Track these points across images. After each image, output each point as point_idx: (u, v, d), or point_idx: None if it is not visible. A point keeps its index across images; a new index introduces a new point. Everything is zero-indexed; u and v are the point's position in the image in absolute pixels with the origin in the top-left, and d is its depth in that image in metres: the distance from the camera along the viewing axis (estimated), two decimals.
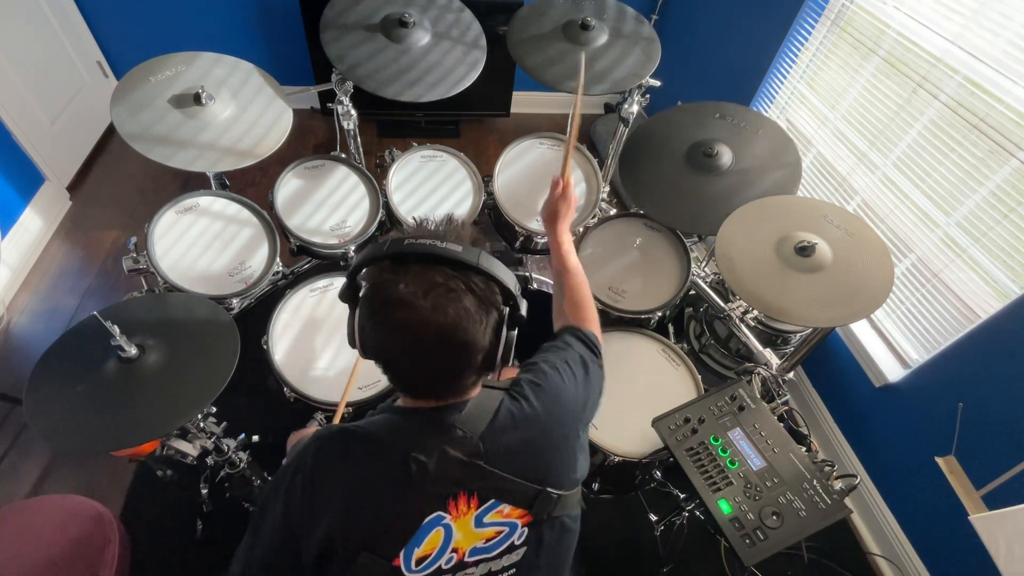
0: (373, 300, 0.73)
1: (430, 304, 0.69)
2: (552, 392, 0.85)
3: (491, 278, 0.73)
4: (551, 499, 0.79)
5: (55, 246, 2.53)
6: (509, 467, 0.77)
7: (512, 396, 0.83)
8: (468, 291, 0.71)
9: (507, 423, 0.79)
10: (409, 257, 0.71)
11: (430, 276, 0.70)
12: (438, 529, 0.75)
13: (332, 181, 1.76)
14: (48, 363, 1.15)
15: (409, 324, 0.69)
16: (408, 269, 0.70)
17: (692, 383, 1.55)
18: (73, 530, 1.28)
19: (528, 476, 0.78)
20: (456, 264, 0.71)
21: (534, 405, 0.82)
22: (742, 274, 1.35)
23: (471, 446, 0.76)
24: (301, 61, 2.96)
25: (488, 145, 3.34)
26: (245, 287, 1.56)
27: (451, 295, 0.70)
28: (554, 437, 0.83)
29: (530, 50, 1.68)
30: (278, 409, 1.54)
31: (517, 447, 0.78)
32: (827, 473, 1.20)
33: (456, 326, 0.70)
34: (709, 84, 2.85)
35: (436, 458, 0.74)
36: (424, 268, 0.70)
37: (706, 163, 1.62)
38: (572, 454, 0.84)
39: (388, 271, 0.71)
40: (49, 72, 2.62)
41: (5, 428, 1.93)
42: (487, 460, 0.76)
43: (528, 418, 0.81)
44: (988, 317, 1.51)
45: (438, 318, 0.69)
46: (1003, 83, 1.46)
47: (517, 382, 0.86)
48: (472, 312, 0.71)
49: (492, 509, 0.77)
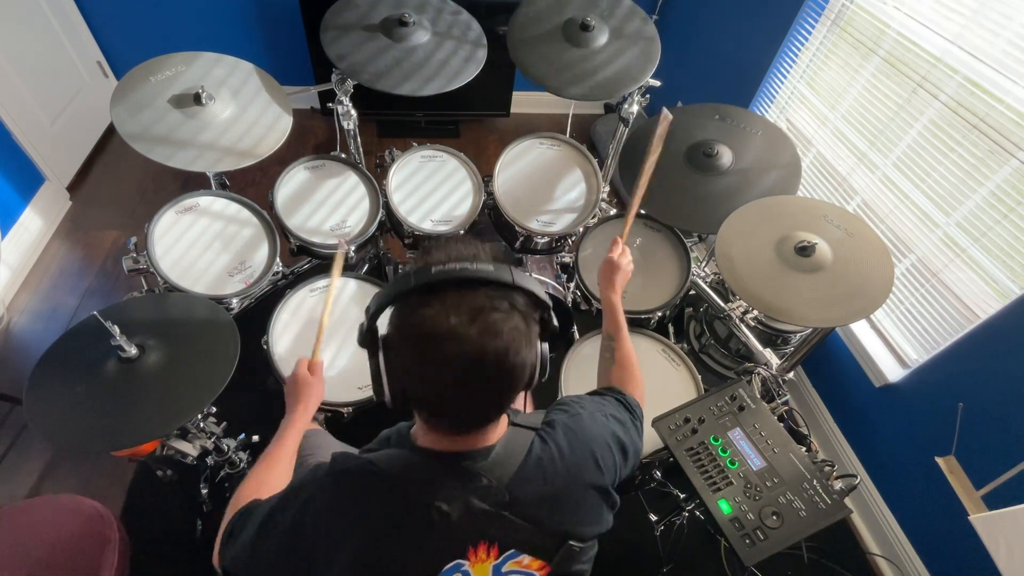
0: (409, 339, 0.66)
1: (478, 331, 0.63)
2: (584, 438, 0.81)
3: (527, 292, 0.68)
4: (573, 552, 0.77)
5: (55, 246, 2.53)
6: (534, 519, 0.74)
7: (543, 439, 0.78)
8: (512, 309, 0.66)
9: (536, 472, 0.75)
10: (442, 285, 0.65)
11: (471, 301, 0.64)
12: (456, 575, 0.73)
13: (332, 181, 1.76)
14: (48, 363, 1.15)
15: (462, 356, 0.63)
16: (445, 297, 0.64)
17: (692, 383, 1.55)
18: (73, 530, 1.28)
19: (553, 529, 0.75)
20: (494, 284, 0.66)
21: (564, 452, 0.78)
22: (742, 274, 1.35)
23: (497, 496, 0.72)
24: (301, 61, 2.96)
25: (488, 145, 3.34)
26: (245, 287, 1.56)
27: (498, 315, 0.64)
28: (581, 488, 0.78)
29: (530, 50, 1.68)
30: (278, 409, 1.53)
31: (544, 498, 0.75)
32: (827, 473, 1.20)
33: (509, 348, 0.65)
34: (709, 84, 2.85)
35: (460, 508, 0.70)
36: (461, 294, 0.64)
37: (706, 163, 1.63)
38: (599, 507, 0.81)
39: (422, 304, 0.64)
40: (49, 72, 2.62)
41: (5, 428, 1.93)
42: (513, 511, 0.73)
43: (557, 466, 0.76)
44: (988, 317, 1.51)
45: (493, 343, 0.63)
46: (1003, 83, 1.46)
47: (551, 422, 0.81)
48: (522, 331, 0.67)
49: (512, 559, 0.75)
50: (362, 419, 1.43)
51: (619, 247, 1.24)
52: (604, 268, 1.23)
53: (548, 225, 1.76)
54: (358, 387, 1.44)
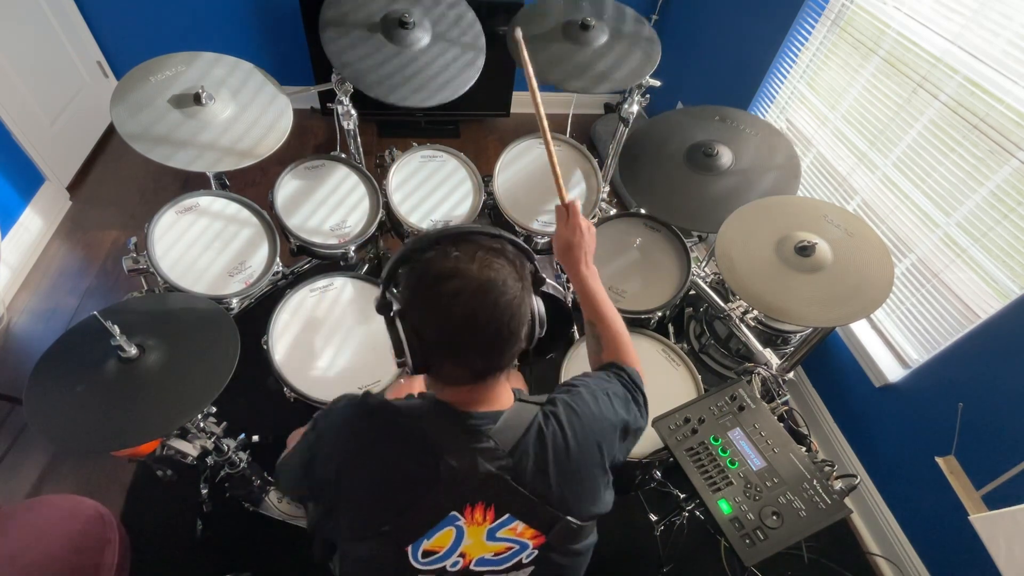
0: (420, 284, 0.73)
1: (476, 266, 0.71)
2: (586, 419, 0.83)
3: (513, 243, 0.78)
4: (570, 528, 0.79)
5: (55, 246, 2.53)
6: (533, 487, 0.76)
7: (545, 414, 0.81)
8: (502, 253, 0.75)
9: (537, 444, 0.78)
10: (443, 240, 0.74)
11: (467, 246, 0.73)
12: (449, 529, 0.75)
13: (332, 181, 1.76)
14: (48, 363, 1.15)
15: (464, 291, 0.70)
16: (445, 246, 0.73)
17: (692, 383, 1.55)
18: (73, 530, 1.28)
19: (551, 500, 0.77)
20: (484, 235, 0.76)
21: (565, 429, 0.80)
22: (742, 274, 1.35)
23: (500, 459, 0.75)
24: (301, 61, 2.96)
25: (488, 145, 3.34)
26: (245, 287, 1.56)
27: (492, 253, 0.74)
28: (581, 466, 0.80)
29: (530, 50, 1.68)
30: (278, 409, 1.54)
31: (544, 469, 0.77)
32: (827, 473, 1.20)
33: (506, 282, 0.72)
34: (709, 84, 2.85)
35: (466, 464, 0.74)
36: (457, 243, 0.74)
37: (706, 163, 1.63)
38: (597, 486, 0.83)
39: (426, 251, 0.74)
40: (49, 72, 2.62)
41: (5, 428, 1.93)
42: (513, 476, 0.75)
43: (558, 442, 0.79)
44: (988, 317, 1.51)
45: (491, 274, 0.71)
46: (1003, 83, 1.46)
47: (552, 400, 0.84)
48: (512, 270, 0.75)
49: (506, 525, 0.77)
50: None
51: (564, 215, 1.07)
52: (559, 246, 1.07)
53: (548, 225, 1.76)
54: (359, 387, 1.43)
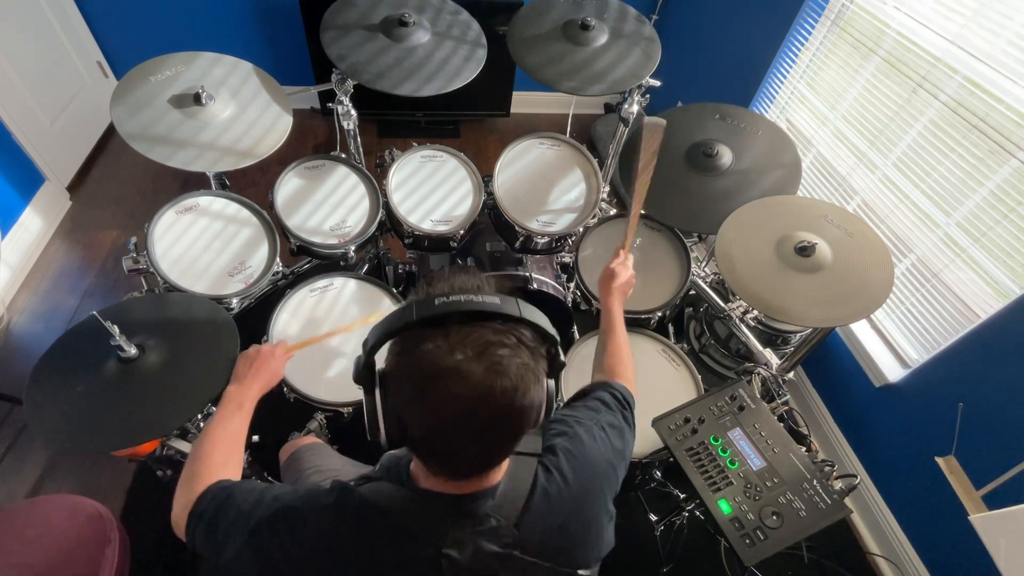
0: (410, 378, 0.61)
1: (484, 368, 0.58)
2: (586, 462, 0.79)
3: (535, 327, 0.64)
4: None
5: (55, 246, 2.53)
6: (543, 552, 0.72)
7: (546, 468, 0.76)
8: (520, 344, 0.62)
9: (543, 506, 0.73)
10: (446, 319, 0.60)
11: (477, 336, 0.60)
12: None
13: (332, 181, 1.76)
14: (48, 363, 1.15)
15: (467, 396, 0.59)
16: (449, 332, 0.60)
17: (692, 383, 1.55)
18: (73, 530, 1.28)
19: (561, 561, 0.74)
20: (501, 317, 0.62)
21: (568, 479, 0.76)
22: (742, 274, 1.35)
23: (506, 536, 0.69)
24: (301, 61, 2.96)
25: (488, 145, 3.34)
26: (245, 287, 1.56)
27: (505, 351, 0.60)
28: (588, 514, 0.78)
29: (530, 50, 1.68)
30: (278, 409, 1.53)
31: (552, 532, 0.73)
32: (827, 473, 1.20)
33: (518, 388, 0.60)
34: (709, 84, 2.85)
35: (469, 553, 0.67)
36: (466, 328, 0.60)
37: (706, 163, 1.62)
38: (602, 528, 0.80)
39: (424, 338, 0.60)
40: (49, 72, 2.62)
41: (5, 428, 1.93)
42: (523, 550, 0.70)
43: (564, 496, 0.74)
44: (988, 317, 1.51)
45: (500, 382, 0.59)
46: (1003, 83, 1.46)
47: (551, 448, 0.79)
48: (531, 367, 0.62)
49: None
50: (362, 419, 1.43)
51: (620, 257, 1.27)
52: (604, 275, 1.25)
53: (548, 225, 1.75)
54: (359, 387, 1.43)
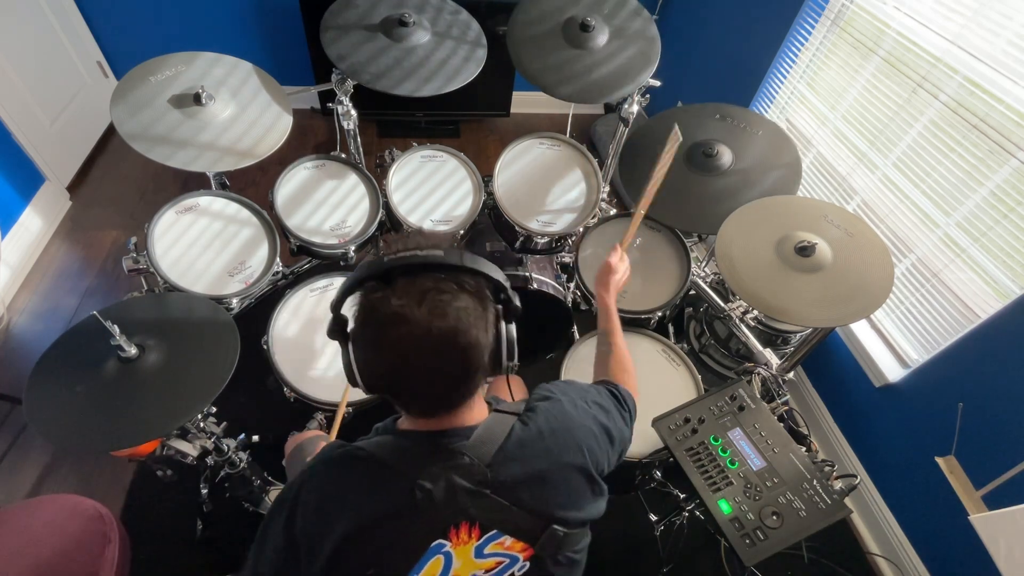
0: (366, 325, 0.70)
1: (425, 312, 0.66)
2: (566, 423, 0.82)
3: (479, 274, 0.72)
4: (556, 536, 0.77)
5: (55, 246, 2.53)
6: (516, 499, 0.75)
7: (524, 422, 0.80)
8: (461, 290, 0.69)
9: (516, 452, 0.76)
10: (392, 273, 0.69)
11: (419, 284, 0.68)
12: (438, 557, 0.73)
13: (332, 181, 1.76)
14: (48, 363, 1.15)
15: (409, 337, 0.66)
16: (395, 284, 0.68)
17: (692, 383, 1.55)
18: (73, 530, 1.28)
19: (535, 510, 0.76)
20: (442, 268, 0.69)
21: (544, 433, 0.79)
22: (742, 274, 1.35)
23: (479, 474, 0.73)
24: (301, 61, 2.96)
25: (488, 145, 3.34)
26: (245, 287, 1.56)
27: (445, 297, 0.68)
28: (564, 472, 0.79)
29: (530, 50, 1.68)
30: (278, 409, 1.54)
31: (526, 478, 0.76)
32: (827, 473, 1.20)
33: (457, 328, 0.68)
34: (709, 84, 2.85)
35: (443, 486, 0.72)
36: (410, 279, 0.68)
37: (706, 163, 1.62)
38: (583, 493, 0.81)
39: (374, 290, 0.69)
40: (49, 72, 2.62)
41: (5, 428, 1.93)
42: (494, 489, 0.74)
43: (537, 447, 0.78)
44: (988, 317, 1.51)
45: (438, 323, 0.66)
46: (1003, 83, 1.46)
47: (531, 407, 0.83)
48: (470, 310, 0.69)
49: (493, 540, 0.75)
50: (362, 419, 1.43)
51: (618, 253, 1.29)
52: (601, 271, 1.27)
53: (548, 225, 1.75)
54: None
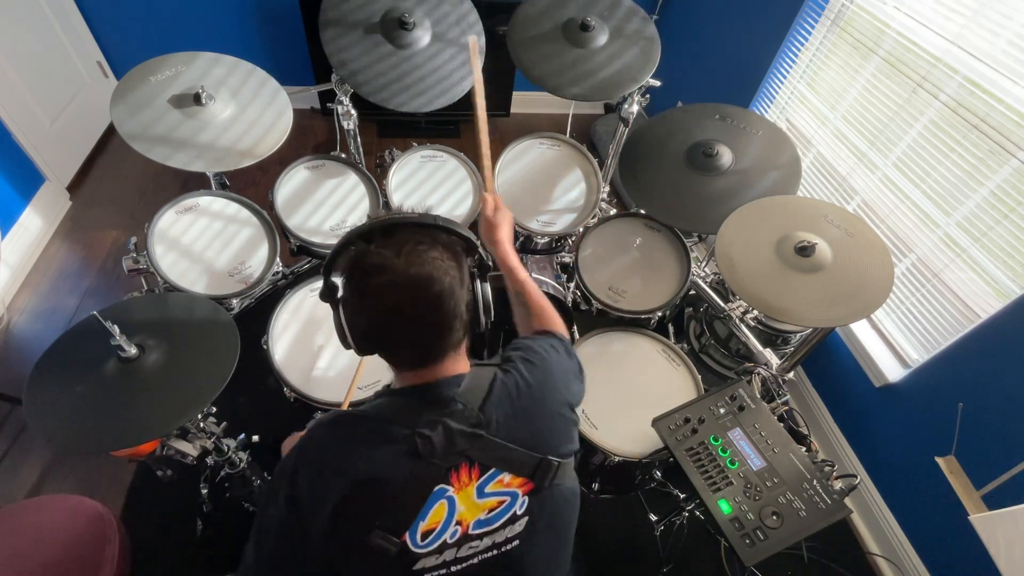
0: (352, 277, 0.77)
1: (404, 260, 0.74)
2: (542, 365, 0.89)
3: (451, 232, 0.80)
4: (552, 466, 0.81)
5: (55, 246, 2.53)
6: (510, 436, 0.79)
7: (505, 370, 0.86)
8: (435, 243, 0.77)
9: (503, 394, 0.82)
10: (373, 232, 0.77)
11: (397, 238, 0.76)
12: (441, 502, 0.76)
13: (332, 181, 1.76)
14: (48, 363, 1.15)
15: (390, 285, 0.73)
16: (376, 241, 0.76)
17: (692, 383, 1.55)
18: (73, 530, 1.28)
19: (528, 444, 0.80)
20: (418, 226, 0.78)
21: (526, 377, 0.86)
22: (742, 274, 1.35)
23: (472, 417, 0.78)
24: (301, 61, 2.96)
25: None
26: (245, 287, 1.56)
27: (421, 247, 0.75)
28: (549, 407, 0.86)
29: (530, 50, 1.68)
30: (278, 409, 1.54)
31: (516, 416, 0.81)
32: (827, 473, 1.20)
33: (432, 276, 0.75)
34: (709, 84, 2.85)
35: (440, 432, 0.76)
36: (389, 235, 0.76)
37: (706, 163, 1.62)
38: (566, 425, 0.88)
39: (357, 248, 0.76)
40: (49, 72, 2.62)
41: (5, 428, 1.93)
42: (488, 430, 0.78)
43: (522, 389, 0.84)
44: (988, 317, 1.51)
45: (414, 270, 0.74)
46: (1003, 83, 1.46)
47: (508, 358, 0.89)
48: (444, 260, 0.77)
49: (493, 479, 0.78)
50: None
51: (489, 204, 1.22)
52: (485, 226, 1.20)
53: (548, 225, 1.76)
54: (359, 387, 1.43)
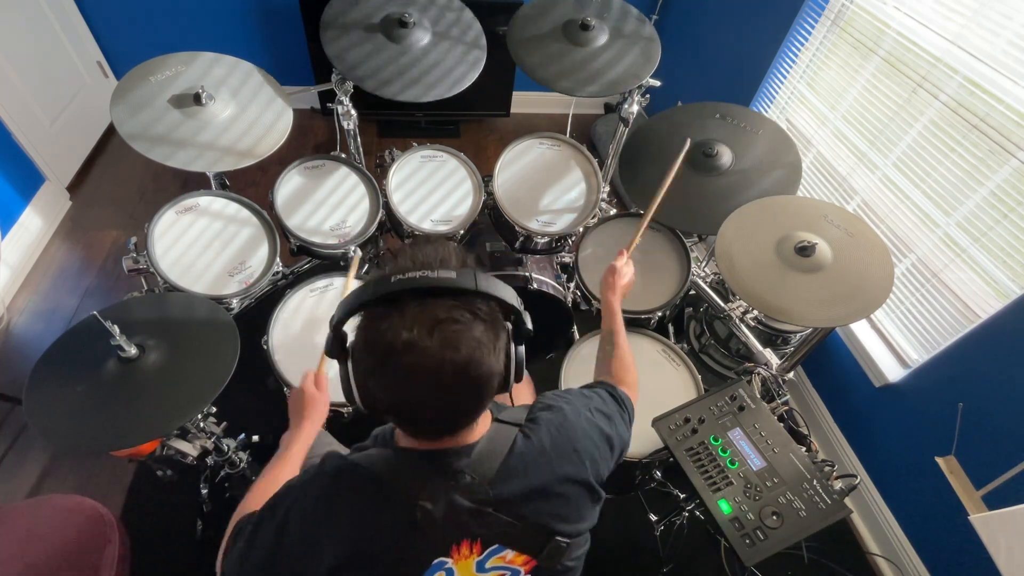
0: (374, 351, 0.66)
1: (438, 343, 0.62)
2: (567, 434, 0.81)
3: (492, 298, 0.68)
4: (560, 548, 0.77)
5: (55, 246, 2.53)
6: (518, 515, 0.74)
7: (526, 435, 0.79)
8: (474, 319, 0.65)
9: (519, 467, 0.75)
10: (402, 295, 0.64)
11: (431, 312, 0.64)
12: (440, 573, 0.73)
13: (332, 181, 1.76)
14: (48, 363, 1.15)
15: (421, 369, 0.63)
16: (404, 308, 0.64)
17: (692, 383, 1.55)
18: (73, 530, 1.28)
19: (538, 524, 0.76)
20: (454, 292, 0.65)
21: (546, 447, 0.78)
22: (742, 274, 1.35)
23: (480, 493, 0.72)
24: (301, 61, 2.96)
25: (488, 145, 3.34)
26: (245, 287, 1.56)
27: (458, 327, 0.64)
28: (566, 485, 0.78)
29: (530, 50, 1.68)
30: (278, 409, 1.53)
31: (528, 494, 0.75)
32: (827, 473, 1.20)
33: (470, 360, 0.65)
34: (709, 84, 2.85)
35: (443, 505, 0.71)
36: (421, 304, 0.64)
37: (706, 163, 1.62)
38: (584, 504, 0.81)
39: (381, 316, 0.65)
40: (49, 72, 2.62)
41: (5, 428, 1.93)
42: (496, 507, 0.73)
43: (539, 461, 0.77)
44: (988, 317, 1.51)
45: (452, 356, 0.63)
46: (1003, 83, 1.46)
47: (533, 418, 0.82)
48: (483, 340, 0.66)
49: (495, 554, 0.75)
50: (362, 419, 1.43)
51: (624, 258, 1.33)
52: (606, 274, 1.31)
53: (548, 225, 1.76)
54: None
